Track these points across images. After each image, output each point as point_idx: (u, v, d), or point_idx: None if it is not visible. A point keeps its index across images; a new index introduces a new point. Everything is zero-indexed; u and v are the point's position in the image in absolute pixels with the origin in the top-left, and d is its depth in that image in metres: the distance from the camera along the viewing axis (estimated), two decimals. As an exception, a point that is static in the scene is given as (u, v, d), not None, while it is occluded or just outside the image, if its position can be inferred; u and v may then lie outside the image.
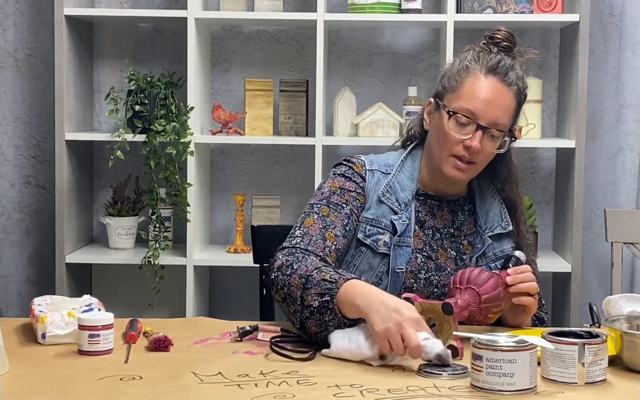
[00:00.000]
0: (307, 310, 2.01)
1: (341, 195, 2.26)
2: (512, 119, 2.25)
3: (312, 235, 2.18)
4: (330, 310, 1.98)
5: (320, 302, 2.00)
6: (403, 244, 2.24)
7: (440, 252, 2.28)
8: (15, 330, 2.12)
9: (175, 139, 3.51)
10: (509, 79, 2.22)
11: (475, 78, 2.22)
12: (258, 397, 1.68)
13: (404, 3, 3.58)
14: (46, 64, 3.87)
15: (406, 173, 2.31)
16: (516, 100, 2.24)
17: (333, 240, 2.19)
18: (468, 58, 2.25)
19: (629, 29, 3.83)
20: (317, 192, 2.30)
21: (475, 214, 2.33)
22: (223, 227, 3.95)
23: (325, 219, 2.21)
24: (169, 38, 3.91)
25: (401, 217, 2.26)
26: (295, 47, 3.91)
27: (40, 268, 3.98)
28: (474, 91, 2.21)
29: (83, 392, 1.72)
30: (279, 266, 2.11)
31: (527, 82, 2.28)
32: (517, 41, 2.30)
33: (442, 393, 1.72)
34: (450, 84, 2.25)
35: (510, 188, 2.34)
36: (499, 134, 2.22)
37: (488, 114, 2.20)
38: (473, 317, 2.05)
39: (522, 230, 2.35)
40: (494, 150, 2.24)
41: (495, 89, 2.21)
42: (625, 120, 3.86)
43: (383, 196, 2.27)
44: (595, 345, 1.77)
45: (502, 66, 2.23)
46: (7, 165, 3.95)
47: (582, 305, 3.51)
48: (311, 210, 2.24)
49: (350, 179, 2.29)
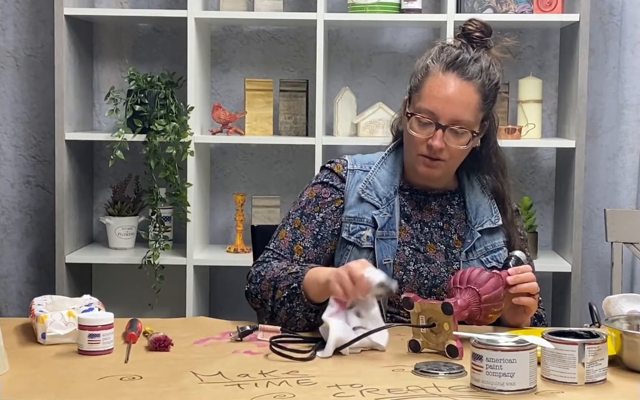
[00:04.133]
0: (277, 303, 2.15)
1: (315, 205, 2.33)
2: (479, 112, 2.25)
3: (281, 249, 2.29)
4: (298, 295, 2.12)
5: (290, 291, 2.13)
6: (387, 237, 2.27)
7: (429, 244, 2.30)
8: (15, 330, 2.12)
9: (175, 139, 3.51)
10: (468, 73, 2.22)
11: (434, 77, 2.24)
12: (258, 397, 1.68)
13: (404, 3, 3.58)
14: (46, 64, 3.87)
15: (388, 169, 2.35)
16: (480, 94, 2.23)
17: (301, 253, 2.28)
18: (431, 55, 2.27)
19: (629, 29, 3.83)
20: (297, 199, 2.38)
21: (465, 208, 2.34)
22: (223, 227, 3.95)
23: (296, 232, 2.30)
24: (169, 38, 3.91)
25: (382, 211, 2.29)
26: (295, 47, 3.91)
27: (40, 268, 3.98)
28: (432, 90, 2.23)
29: (83, 392, 1.72)
30: (250, 278, 2.25)
31: (497, 72, 2.26)
32: (491, 31, 2.29)
33: (442, 393, 1.72)
34: (415, 83, 2.29)
35: (495, 177, 2.35)
36: (462, 130, 2.23)
37: (447, 112, 2.21)
38: (473, 317, 2.05)
39: (511, 219, 2.35)
40: (459, 146, 2.24)
41: (454, 86, 2.22)
42: (625, 120, 3.86)
43: (363, 193, 2.31)
44: (595, 345, 1.77)
45: (461, 61, 2.23)
46: (7, 165, 3.95)
47: (582, 305, 3.51)
48: (287, 220, 2.34)
49: (327, 184, 2.35)
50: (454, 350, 1.92)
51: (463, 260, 2.29)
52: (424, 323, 1.98)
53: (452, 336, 1.94)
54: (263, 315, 2.21)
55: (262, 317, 2.22)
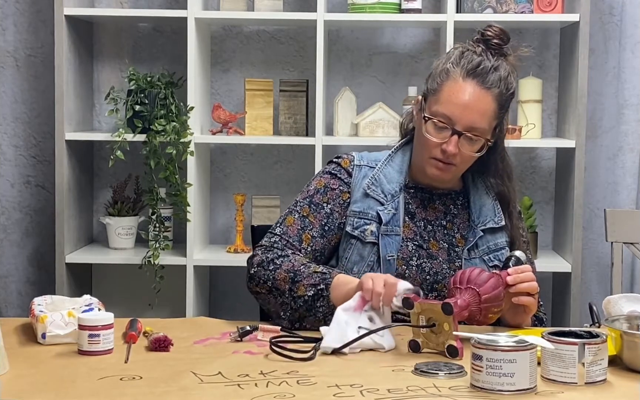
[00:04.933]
0: (300, 300, 2.14)
1: (324, 194, 2.33)
2: (493, 120, 2.26)
3: (290, 236, 2.28)
4: (324, 297, 2.12)
5: (316, 291, 2.13)
6: (392, 232, 2.28)
7: (432, 242, 2.31)
8: (15, 330, 2.12)
9: (175, 139, 3.51)
10: (488, 82, 2.24)
11: (453, 82, 2.25)
12: (258, 397, 1.68)
13: (404, 3, 3.58)
14: (46, 64, 3.87)
15: (395, 166, 2.36)
16: (497, 103, 2.25)
17: (309, 242, 2.29)
18: (451, 59, 2.27)
19: (629, 29, 3.83)
20: (304, 188, 2.38)
21: (469, 208, 2.35)
22: (223, 227, 3.95)
23: (305, 220, 2.31)
24: (169, 38, 3.91)
25: (387, 207, 2.30)
26: (295, 47, 3.91)
27: (40, 268, 3.98)
28: (451, 96, 2.24)
29: (83, 392, 1.72)
30: (259, 262, 2.23)
31: (513, 81, 2.28)
32: (509, 38, 2.30)
33: (442, 393, 1.72)
34: (433, 86, 2.29)
35: (501, 181, 2.36)
36: (476, 137, 2.24)
37: (464, 118, 2.23)
38: (473, 317, 2.05)
39: (515, 223, 2.38)
40: (472, 153, 2.26)
41: (473, 93, 2.23)
42: (625, 120, 3.86)
43: (368, 188, 2.32)
44: (595, 345, 1.77)
45: (482, 69, 2.24)
46: (7, 165, 3.95)
47: (582, 305, 3.51)
48: (294, 207, 2.33)
49: (335, 176, 2.36)
50: (454, 351, 1.92)
51: (465, 258, 2.30)
52: (424, 323, 1.98)
53: (452, 336, 1.94)
54: (269, 301, 2.20)
55: (267, 303, 2.20)
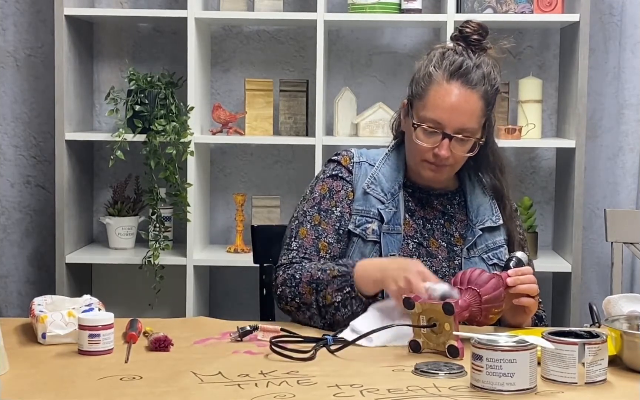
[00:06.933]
0: (330, 307, 2.16)
1: (330, 199, 2.33)
2: (482, 118, 2.27)
3: (306, 248, 2.29)
4: (354, 298, 2.15)
5: (343, 295, 2.15)
6: (393, 231, 2.29)
7: (431, 240, 2.32)
8: (15, 330, 2.12)
9: (175, 139, 3.51)
10: (472, 81, 2.23)
11: (438, 86, 2.24)
12: (258, 397, 1.68)
13: (404, 3, 3.58)
14: (46, 64, 3.87)
15: (391, 165, 2.36)
16: (483, 100, 2.25)
17: (327, 249, 2.29)
18: (433, 62, 2.27)
19: (629, 29, 3.83)
20: (308, 195, 2.36)
21: (466, 208, 2.36)
22: (223, 227, 3.95)
23: (317, 228, 2.30)
24: (169, 38, 3.91)
25: (387, 206, 2.30)
26: (295, 47, 3.91)
27: (40, 268, 3.98)
28: (437, 100, 2.23)
29: (83, 392, 1.72)
30: (282, 282, 2.25)
31: (497, 75, 2.28)
32: (488, 31, 2.29)
33: (442, 393, 1.72)
34: (417, 90, 2.29)
35: (494, 175, 2.37)
36: (467, 138, 2.25)
37: (453, 121, 2.23)
38: (474, 318, 2.06)
39: (510, 214, 2.37)
40: (465, 153, 2.27)
41: (459, 94, 2.23)
42: (625, 120, 3.86)
43: (368, 188, 2.32)
44: (595, 345, 1.77)
45: (465, 69, 2.23)
46: (7, 165, 3.95)
47: (582, 305, 3.51)
48: (304, 218, 2.32)
49: (337, 176, 2.35)
50: (455, 351, 1.92)
51: (465, 256, 2.31)
52: (425, 323, 1.98)
53: (452, 336, 1.94)
54: (300, 316, 2.22)
55: (300, 318, 2.22)
